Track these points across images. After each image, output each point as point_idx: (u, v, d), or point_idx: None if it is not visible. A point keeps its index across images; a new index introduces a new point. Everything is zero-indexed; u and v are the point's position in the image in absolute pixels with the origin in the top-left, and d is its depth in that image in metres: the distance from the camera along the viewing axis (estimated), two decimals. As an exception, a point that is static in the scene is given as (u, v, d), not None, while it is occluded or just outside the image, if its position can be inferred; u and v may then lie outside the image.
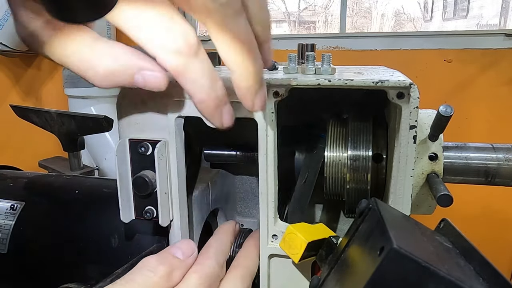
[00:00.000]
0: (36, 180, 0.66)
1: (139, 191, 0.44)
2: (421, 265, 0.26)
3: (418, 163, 0.46)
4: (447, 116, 0.39)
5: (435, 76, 1.67)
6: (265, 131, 0.42)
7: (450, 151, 0.47)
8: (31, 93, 2.37)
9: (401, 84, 0.38)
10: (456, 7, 3.45)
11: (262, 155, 0.43)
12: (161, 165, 0.44)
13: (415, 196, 0.47)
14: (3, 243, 0.57)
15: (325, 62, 0.44)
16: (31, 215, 0.59)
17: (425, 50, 1.69)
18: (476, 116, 1.66)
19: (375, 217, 0.33)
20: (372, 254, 0.29)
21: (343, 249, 0.36)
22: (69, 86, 1.95)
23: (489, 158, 0.46)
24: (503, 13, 2.41)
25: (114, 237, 0.54)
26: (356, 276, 0.31)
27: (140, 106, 0.45)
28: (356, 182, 0.45)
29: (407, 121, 0.39)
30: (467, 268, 0.31)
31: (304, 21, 4.88)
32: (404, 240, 0.28)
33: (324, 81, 0.40)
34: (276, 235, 0.45)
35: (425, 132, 0.46)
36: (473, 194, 1.58)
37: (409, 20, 3.84)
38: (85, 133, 1.15)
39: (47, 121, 1.14)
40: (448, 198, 0.39)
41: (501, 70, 1.61)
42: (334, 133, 0.47)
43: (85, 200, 0.60)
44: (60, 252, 0.57)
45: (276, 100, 0.42)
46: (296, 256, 0.39)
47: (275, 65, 0.53)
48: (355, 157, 0.45)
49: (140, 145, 0.44)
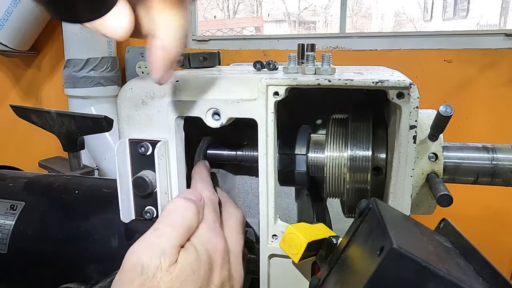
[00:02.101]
0: (36, 180, 0.66)
1: (139, 191, 0.44)
2: (421, 265, 0.26)
3: (418, 163, 0.46)
4: (447, 116, 0.39)
5: (435, 76, 1.67)
6: (265, 131, 0.42)
7: (450, 151, 0.47)
8: (31, 93, 2.37)
9: (401, 84, 0.38)
10: (456, 7, 3.45)
11: (262, 155, 0.43)
12: (161, 165, 0.44)
13: (415, 196, 0.47)
14: (3, 243, 0.57)
15: (325, 62, 0.44)
16: (31, 215, 0.59)
17: (425, 50, 1.69)
18: (476, 116, 1.66)
19: (375, 217, 0.33)
20: (372, 254, 0.29)
21: (343, 249, 0.36)
22: (69, 86, 1.95)
23: (489, 158, 0.46)
24: (503, 13, 2.41)
25: (114, 237, 0.54)
26: (356, 276, 0.31)
27: (140, 106, 0.45)
28: (356, 182, 0.45)
29: (407, 121, 0.39)
30: (467, 268, 0.31)
31: (304, 21, 4.89)
32: (404, 240, 0.28)
33: (324, 81, 0.40)
34: (276, 235, 0.45)
35: (425, 132, 0.46)
36: (473, 194, 1.58)
37: (409, 20, 3.84)
38: (85, 133, 1.15)
39: (47, 121, 1.14)
40: (448, 198, 0.39)
41: (501, 70, 1.61)
42: (334, 133, 0.47)
43: (85, 200, 0.60)
44: (60, 252, 0.57)
45: (276, 100, 0.42)
46: (296, 256, 0.39)
47: (275, 65, 0.53)
48: (355, 157, 0.45)
49: (140, 145, 0.44)
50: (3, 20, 1.91)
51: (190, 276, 0.38)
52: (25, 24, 1.97)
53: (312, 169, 0.49)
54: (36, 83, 2.34)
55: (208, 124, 0.43)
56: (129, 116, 0.46)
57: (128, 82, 0.47)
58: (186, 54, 0.61)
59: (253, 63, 0.55)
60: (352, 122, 0.47)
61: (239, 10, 4.91)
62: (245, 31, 4.52)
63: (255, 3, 4.93)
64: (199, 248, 0.40)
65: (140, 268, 0.36)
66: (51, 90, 2.31)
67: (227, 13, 4.81)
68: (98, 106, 1.97)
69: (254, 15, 5.01)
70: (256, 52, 1.92)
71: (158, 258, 0.37)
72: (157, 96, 0.44)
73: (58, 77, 2.18)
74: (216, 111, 0.42)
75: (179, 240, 0.39)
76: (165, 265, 0.37)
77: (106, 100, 1.98)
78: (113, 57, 1.97)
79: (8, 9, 1.89)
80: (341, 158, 0.46)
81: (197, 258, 0.39)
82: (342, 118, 0.50)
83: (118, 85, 2.01)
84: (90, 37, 1.90)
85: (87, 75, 1.90)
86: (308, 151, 0.48)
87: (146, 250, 0.37)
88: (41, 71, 2.31)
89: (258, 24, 4.71)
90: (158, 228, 0.39)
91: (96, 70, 1.91)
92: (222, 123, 0.43)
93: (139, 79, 0.47)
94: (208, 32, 4.00)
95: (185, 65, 0.61)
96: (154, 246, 0.38)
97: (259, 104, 0.42)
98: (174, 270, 0.37)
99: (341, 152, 0.46)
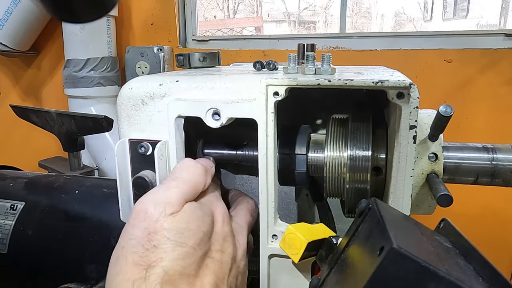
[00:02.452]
0: (36, 180, 0.66)
1: (139, 191, 0.44)
2: (420, 265, 0.26)
3: (418, 163, 0.46)
4: (447, 116, 0.39)
5: (435, 76, 1.67)
6: (265, 131, 0.42)
7: (450, 151, 0.47)
8: (31, 93, 2.37)
9: (401, 84, 0.38)
10: (456, 7, 3.45)
11: (262, 155, 0.43)
12: (161, 165, 0.44)
13: (415, 196, 0.47)
14: (3, 243, 0.57)
15: (325, 62, 0.44)
16: (31, 215, 0.59)
17: (425, 50, 1.69)
18: (476, 116, 1.65)
19: (375, 217, 0.33)
20: (372, 254, 0.29)
21: (343, 249, 0.36)
22: (69, 86, 1.95)
23: (489, 159, 0.46)
24: (503, 13, 2.41)
25: (114, 237, 0.54)
26: (356, 276, 0.31)
27: (140, 106, 0.45)
28: (356, 182, 0.45)
29: (407, 121, 0.39)
30: (467, 268, 0.31)
31: (304, 21, 4.89)
32: (404, 240, 0.28)
33: (324, 81, 0.40)
34: (276, 235, 0.45)
35: (425, 132, 0.46)
36: (473, 194, 1.58)
37: (409, 20, 3.84)
38: (85, 133, 1.15)
39: (47, 121, 1.14)
40: (448, 198, 0.39)
41: (501, 70, 1.61)
42: (334, 133, 0.47)
43: (85, 200, 0.60)
44: (60, 252, 0.57)
45: (276, 100, 0.42)
46: (296, 256, 0.39)
47: (275, 65, 0.53)
48: (355, 157, 0.45)
49: (140, 145, 0.44)
50: (3, 20, 1.91)
51: (195, 220, 0.38)
52: (25, 24, 1.96)
53: (312, 169, 0.49)
54: (36, 83, 2.33)
55: (208, 124, 0.43)
56: (129, 116, 0.46)
57: (128, 82, 0.47)
58: (186, 54, 0.61)
59: (253, 63, 0.56)
60: (352, 122, 0.47)
61: (239, 10, 4.91)
62: (245, 31, 4.52)
63: (255, 3, 4.93)
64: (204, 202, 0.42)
65: (144, 213, 0.37)
66: (51, 90, 2.31)
67: (227, 13, 4.81)
68: (98, 106, 1.97)
69: (254, 15, 5.01)
70: (256, 52, 1.92)
71: (163, 206, 0.37)
72: (157, 96, 0.44)
73: (58, 77, 2.18)
74: (216, 111, 0.43)
75: (185, 194, 0.40)
76: (168, 211, 0.37)
77: (106, 100, 1.98)
78: (113, 57, 1.97)
79: (8, 9, 1.89)
80: (341, 158, 0.46)
81: (201, 208, 0.40)
82: (342, 118, 0.50)
83: (118, 85, 2.01)
84: (90, 37, 1.90)
85: (87, 75, 1.90)
86: (308, 151, 0.48)
87: (151, 199, 0.38)
88: (41, 71, 2.31)
89: (258, 24, 4.71)
90: (165, 182, 0.41)
91: (96, 70, 1.91)
92: (222, 123, 0.43)
93: (139, 79, 0.47)
94: (208, 32, 4.00)
95: (185, 65, 0.61)
96: (159, 196, 0.39)
97: (259, 104, 0.42)
98: (177, 214, 0.38)
99: (341, 152, 0.46)
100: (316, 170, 0.49)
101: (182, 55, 0.61)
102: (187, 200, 0.40)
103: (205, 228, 0.39)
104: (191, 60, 0.61)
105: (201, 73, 0.51)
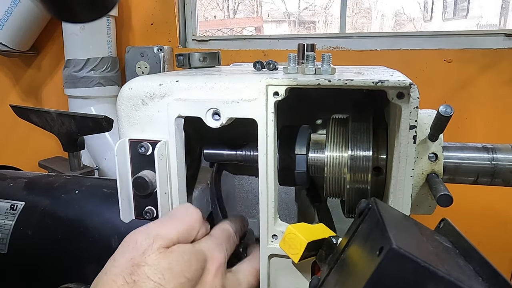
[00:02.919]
0: (36, 180, 0.66)
1: (139, 191, 0.44)
2: (420, 265, 0.26)
3: (418, 163, 0.46)
4: (447, 116, 0.39)
5: (435, 76, 1.67)
6: (265, 131, 0.42)
7: (450, 151, 0.47)
8: (31, 93, 2.37)
9: (401, 84, 0.38)
10: (456, 7, 3.45)
11: (262, 155, 0.43)
12: (161, 165, 0.44)
13: (415, 196, 0.47)
14: (3, 243, 0.57)
15: (325, 62, 0.44)
16: (31, 215, 0.59)
17: (425, 50, 1.69)
18: (476, 116, 1.65)
19: (374, 217, 0.33)
20: (371, 254, 0.29)
21: (343, 249, 0.36)
22: (69, 86, 1.95)
23: (489, 159, 0.46)
24: (503, 13, 2.40)
25: (114, 237, 0.54)
26: (356, 276, 0.31)
27: (140, 106, 0.45)
28: (356, 182, 0.45)
29: (407, 121, 0.39)
30: (467, 268, 0.31)
31: (304, 21, 4.88)
32: (404, 240, 0.28)
33: (324, 81, 0.40)
34: (276, 235, 0.45)
35: (425, 132, 0.46)
36: (473, 194, 1.58)
37: (409, 20, 3.84)
38: (85, 133, 1.15)
39: (47, 121, 1.14)
40: (448, 198, 0.39)
41: (501, 70, 1.61)
42: (334, 133, 0.47)
43: (85, 200, 0.60)
44: (60, 252, 0.57)
45: (276, 100, 0.42)
46: (296, 256, 0.39)
47: (275, 65, 0.53)
48: (355, 157, 0.45)
49: (140, 145, 0.44)
50: (3, 20, 1.91)
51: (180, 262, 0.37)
52: (25, 24, 1.96)
53: (312, 169, 0.49)
54: (36, 83, 2.33)
55: (208, 124, 0.43)
56: (129, 116, 0.46)
57: (128, 82, 0.47)
58: (186, 54, 0.61)
59: (253, 63, 0.56)
60: (352, 122, 0.47)
61: (239, 10, 4.91)
62: (245, 31, 4.52)
63: (255, 3, 4.93)
64: (197, 248, 0.40)
65: (133, 243, 0.37)
66: (51, 90, 2.31)
67: (227, 13, 4.81)
68: (98, 106, 1.97)
69: (254, 15, 5.01)
70: (256, 52, 1.92)
71: (152, 238, 0.37)
72: (157, 96, 0.44)
73: (58, 77, 2.18)
74: (216, 111, 0.43)
75: (178, 233, 0.39)
76: (156, 245, 0.37)
77: (106, 100, 1.98)
78: (113, 57, 1.97)
79: (8, 9, 1.89)
80: (341, 158, 0.46)
81: (192, 251, 0.39)
82: (342, 118, 0.50)
83: (118, 85, 2.01)
84: (90, 37, 1.90)
85: (87, 75, 1.90)
86: (308, 151, 0.48)
87: (144, 230, 0.39)
88: (41, 71, 2.31)
89: (258, 24, 4.71)
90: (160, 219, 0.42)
91: (96, 70, 1.91)
92: (222, 123, 0.43)
93: (139, 79, 0.47)
94: (208, 32, 4.00)
95: (185, 65, 0.61)
96: (152, 230, 0.39)
97: (259, 104, 0.42)
98: (164, 251, 0.37)
99: (341, 152, 0.46)
100: (316, 170, 0.49)
101: (182, 55, 0.61)
102: (180, 240, 0.39)
103: (190, 274, 0.37)
104: (191, 60, 0.61)
105: (201, 73, 0.51)
